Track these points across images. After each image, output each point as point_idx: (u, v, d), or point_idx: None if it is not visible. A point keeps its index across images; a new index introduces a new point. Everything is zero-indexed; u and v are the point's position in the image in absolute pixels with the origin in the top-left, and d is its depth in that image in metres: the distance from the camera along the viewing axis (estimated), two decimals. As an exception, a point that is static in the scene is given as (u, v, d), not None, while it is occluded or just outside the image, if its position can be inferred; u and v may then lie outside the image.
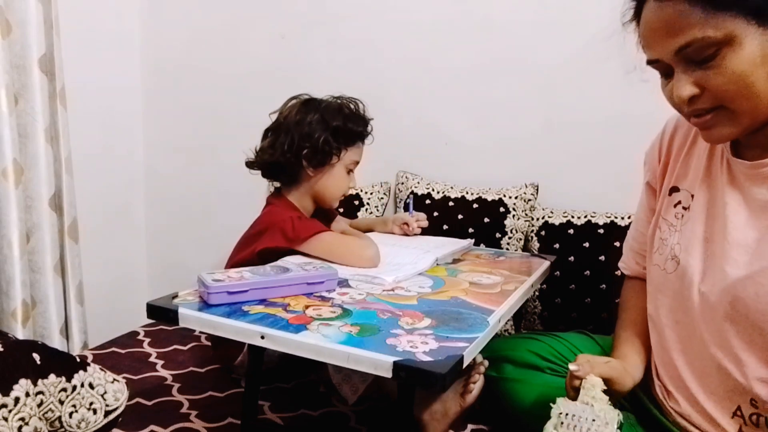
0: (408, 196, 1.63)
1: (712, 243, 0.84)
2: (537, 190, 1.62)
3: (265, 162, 1.31)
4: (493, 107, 1.69)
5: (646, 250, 1.01)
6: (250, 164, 1.34)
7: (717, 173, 0.86)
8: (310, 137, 1.26)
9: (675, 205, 0.93)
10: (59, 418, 0.77)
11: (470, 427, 1.13)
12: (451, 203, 1.63)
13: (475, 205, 1.61)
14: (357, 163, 1.35)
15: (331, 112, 1.28)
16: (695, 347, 0.86)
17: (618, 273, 1.13)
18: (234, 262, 1.27)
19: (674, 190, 0.94)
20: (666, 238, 0.92)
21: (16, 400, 0.71)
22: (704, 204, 0.87)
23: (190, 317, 0.87)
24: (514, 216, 1.58)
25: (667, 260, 0.91)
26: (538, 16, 1.61)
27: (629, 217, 1.46)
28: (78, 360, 0.83)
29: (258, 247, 1.20)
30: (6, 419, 0.69)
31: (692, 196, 0.90)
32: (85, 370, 0.81)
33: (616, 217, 1.48)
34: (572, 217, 1.53)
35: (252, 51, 1.96)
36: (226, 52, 1.99)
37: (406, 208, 1.55)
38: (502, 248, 1.57)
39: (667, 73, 0.77)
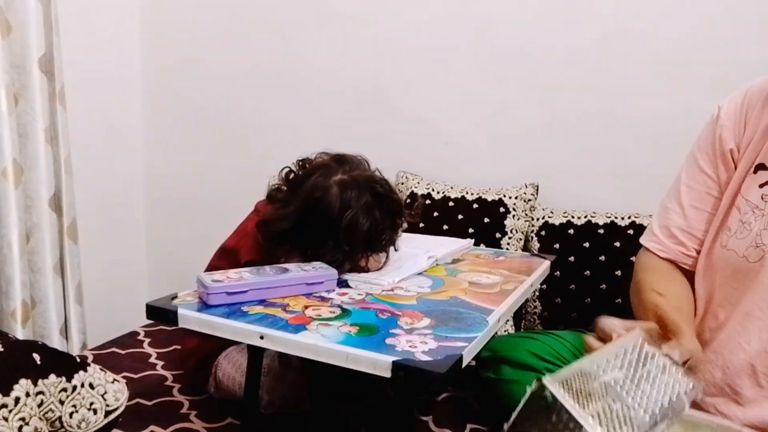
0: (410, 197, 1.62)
1: None
2: (537, 190, 1.62)
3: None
4: (493, 107, 1.69)
5: (699, 230, 0.90)
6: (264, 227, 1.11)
7: None
8: (327, 248, 1.05)
9: (761, 186, 0.84)
10: (59, 418, 0.77)
11: (470, 427, 1.13)
12: (451, 203, 1.63)
13: (475, 206, 1.61)
14: None
15: (356, 235, 1.04)
16: (764, 342, 0.80)
17: (618, 273, 1.12)
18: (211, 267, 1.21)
19: (760, 167, 0.84)
20: (749, 222, 0.83)
21: (17, 400, 0.71)
22: None
23: (190, 318, 0.87)
24: (514, 216, 1.58)
25: (749, 247, 0.82)
26: (539, 17, 1.61)
27: (629, 217, 1.46)
28: (78, 360, 0.83)
29: (243, 259, 1.14)
30: (6, 419, 0.69)
31: None
32: (86, 371, 0.82)
33: (616, 217, 1.48)
34: (572, 217, 1.53)
35: (252, 51, 1.96)
36: (226, 52, 1.99)
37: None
38: (502, 248, 1.57)
39: None
